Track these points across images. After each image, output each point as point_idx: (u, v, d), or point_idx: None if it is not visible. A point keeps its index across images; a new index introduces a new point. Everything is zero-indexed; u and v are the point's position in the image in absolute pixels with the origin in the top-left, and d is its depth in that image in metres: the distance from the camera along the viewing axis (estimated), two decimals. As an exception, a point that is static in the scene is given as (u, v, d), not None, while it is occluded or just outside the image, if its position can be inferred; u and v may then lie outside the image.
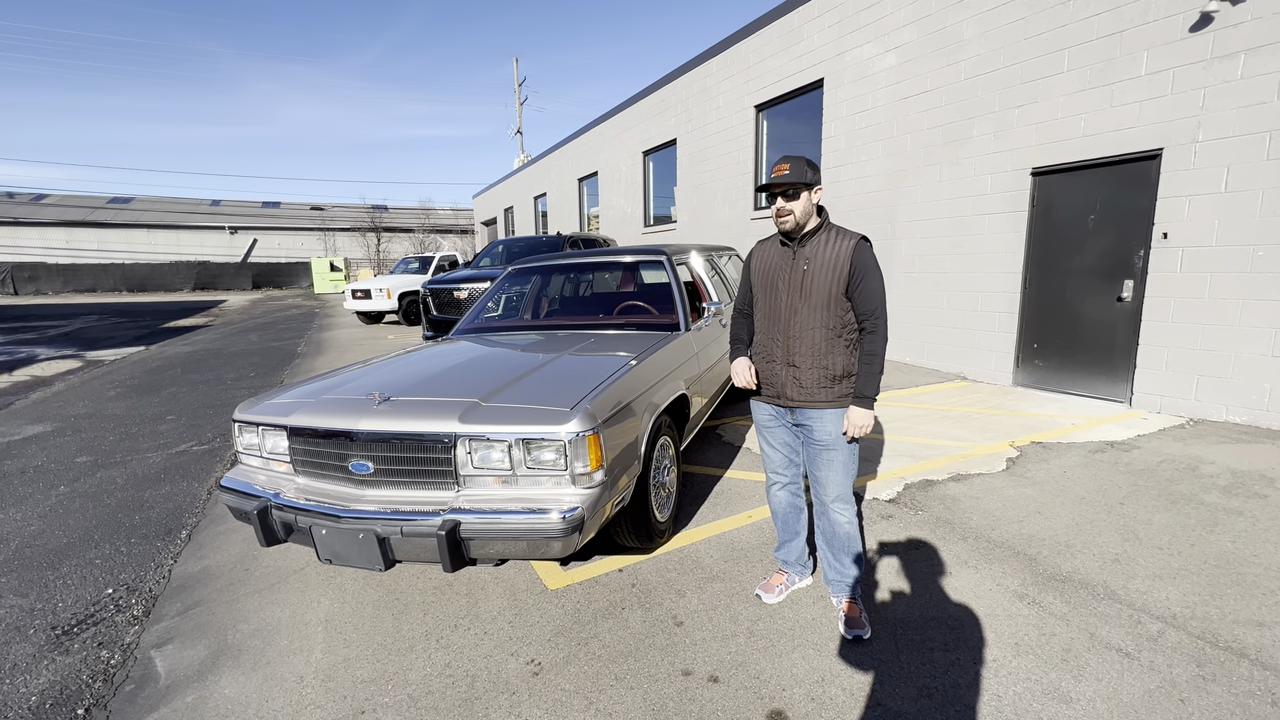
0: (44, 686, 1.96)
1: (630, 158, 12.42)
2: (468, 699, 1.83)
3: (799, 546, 2.32)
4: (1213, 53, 4.17)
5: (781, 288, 2.07)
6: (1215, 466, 3.50)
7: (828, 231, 2.02)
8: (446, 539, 1.90)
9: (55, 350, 9.95)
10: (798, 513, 2.30)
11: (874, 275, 1.97)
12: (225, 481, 2.36)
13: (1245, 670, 1.83)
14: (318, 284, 28.67)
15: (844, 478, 2.07)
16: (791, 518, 2.30)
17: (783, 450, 2.23)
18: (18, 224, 28.78)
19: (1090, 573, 2.40)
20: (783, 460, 2.24)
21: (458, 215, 38.05)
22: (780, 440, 2.22)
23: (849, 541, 2.10)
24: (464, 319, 3.89)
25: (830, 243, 2.00)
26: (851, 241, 1.98)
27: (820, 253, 2.00)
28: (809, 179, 1.95)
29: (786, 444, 2.22)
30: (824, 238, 2.01)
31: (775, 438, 2.22)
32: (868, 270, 1.96)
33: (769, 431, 2.23)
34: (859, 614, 2.09)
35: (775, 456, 2.25)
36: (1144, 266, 4.66)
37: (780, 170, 1.96)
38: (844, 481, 2.07)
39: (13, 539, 3.01)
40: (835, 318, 2.00)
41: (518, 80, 27.25)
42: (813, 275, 2.00)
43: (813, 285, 2.00)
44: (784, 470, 2.25)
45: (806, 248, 2.03)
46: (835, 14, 7.16)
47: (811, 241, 2.02)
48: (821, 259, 1.99)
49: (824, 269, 1.99)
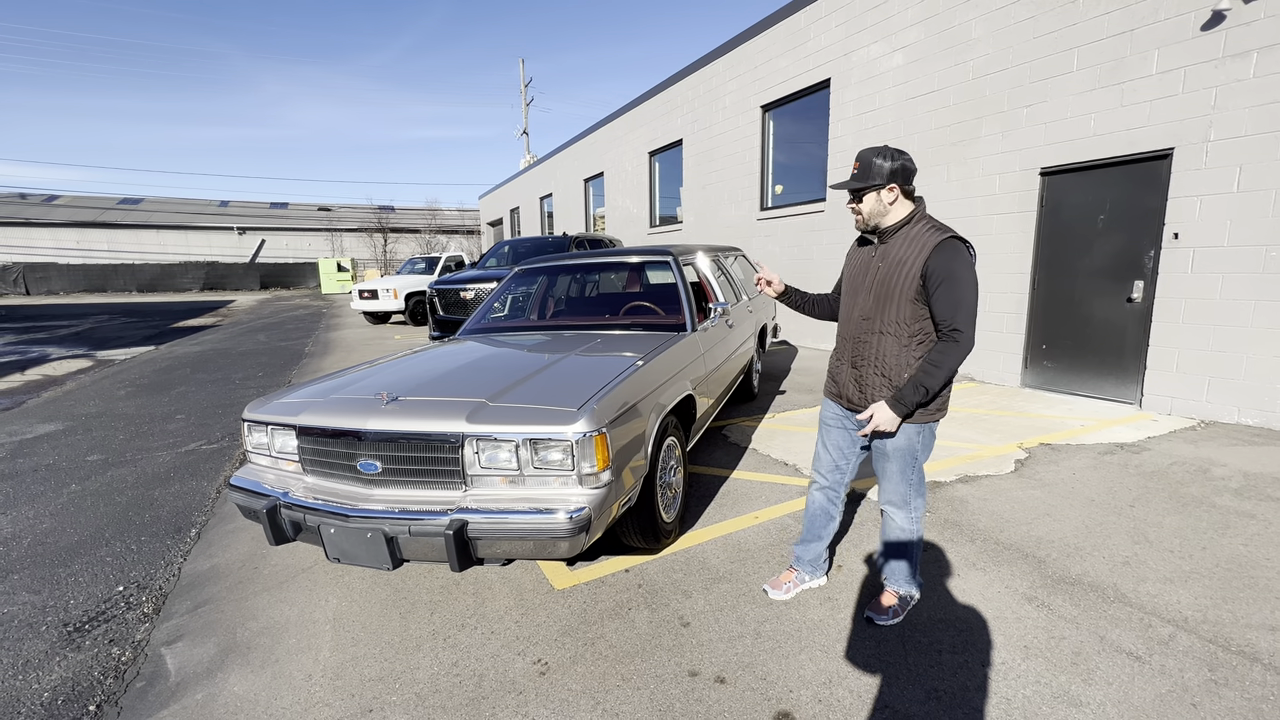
0: (56, 683, 1.98)
1: (636, 158, 12.42)
2: (475, 698, 1.83)
3: (817, 550, 2.30)
4: (1225, 51, 4.13)
5: (859, 288, 2.00)
6: (1227, 469, 3.47)
7: (915, 226, 1.89)
8: (454, 538, 1.90)
9: (66, 350, 10.04)
10: (827, 519, 2.25)
11: (956, 280, 1.79)
12: (234, 480, 2.38)
13: (1258, 675, 1.81)
14: (325, 284, 28.82)
15: (899, 484, 2.02)
16: (820, 521, 2.26)
17: (833, 453, 2.17)
18: (30, 225, 29.09)
19: (1100, 575, 2.38)
20: (830, 464, 2.19)
21: (464, 216, 38.17)
22: (834, 443, 2.16)
23: (899, 545, 2.10)
24: (470, 319, 3.90)
25: (910, 241, 1.87)
26: (933, 241, 1.83)
27: (895, 251, 1.89)
28: (876, 180, 1.86)
29: (839, 448, 2.16)
30: (906, 235, 1.89)
31: (831, 439, 2.17)
32: (948, 274, 1.79)
33: (827, 431, 2.18)
34: (889, 601, 2.14)
35: (825, 458, 2.20)
36: (1154, 267, 4.62)
37: (854, 168, 1.92)
38: (897, 488, 2.03)
39: (25, 536, 3.04)
40: (904, 323, 1.88)
41: (524, 81, 27.32)
42: (883, 275, 1.91)
43: (881, 286, 1.91)
44: (828, 474, 2.20)
45: (888, 245, 1.93)
46: (842, 14, 7.14)
47: (895, 238, 1.91)
48: (894, 258, 1.89)
49: (895, 269, 1.88)
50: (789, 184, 8.51)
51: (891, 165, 1.86)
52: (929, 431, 1.97)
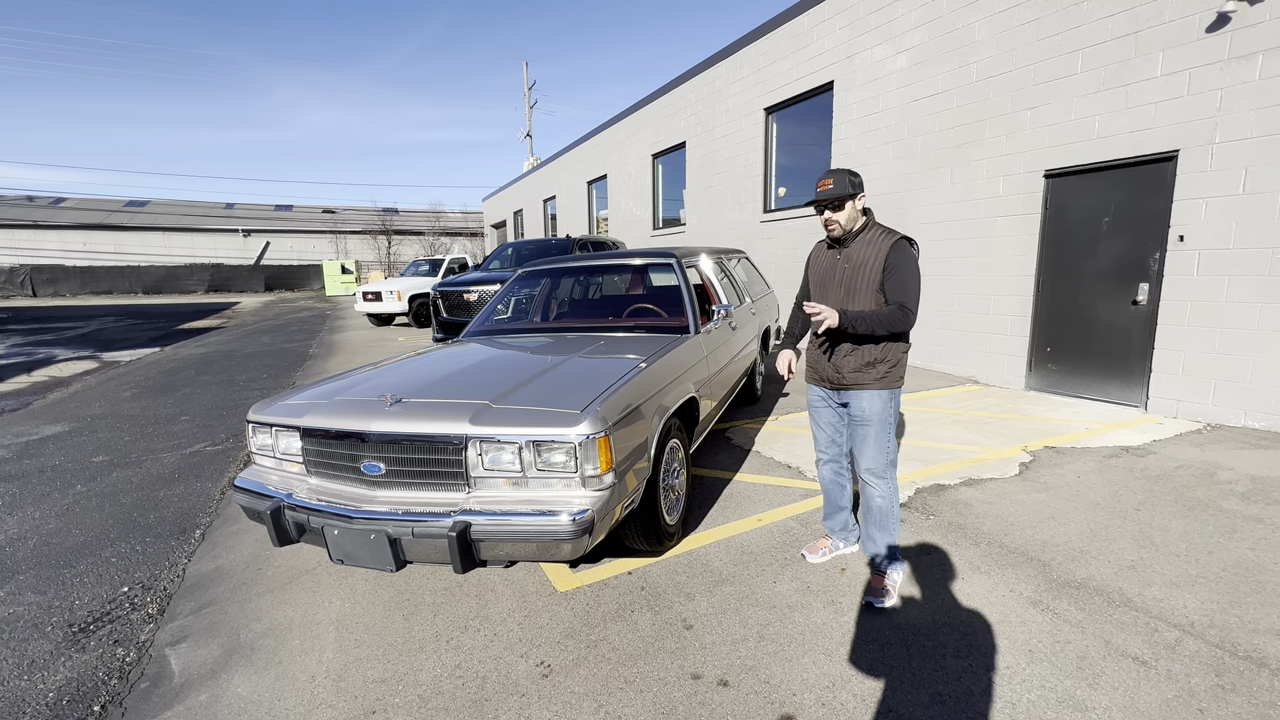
0: (61, 683, 1.98)
1: (639, 160, 12.44)
2: (478, 700, 1.83)
3: (843, 517, 2.59)
4: (1230, 53, 4.12)
5: (829, 285, 2.33)
6: (1233, 472, 3.45)
7: (870, 232, 2.25)
8: (457, 540, 1.91)
9: (73, 351, 10.10)
10: (840, 489, 2.55)
11: (906, 269, 2.16)
12: (239, 482, 2.38)
13: (1266, 680, 1.80)
14: (329, 286, 28.91)
15: (876, 451, 2.27)
16: (835, 492, 2.56)
17: (827, 430, 2.49)
18: (37, 227, 29.27)
19: (1105, 579, 2.37)
20: (826, 439, 2.51)
21: (467, 218, 38.24)
22: (826, 421, 2.48)
23: (880, 516, 2.33)
24: (474, 321, 3.91)
25: (870, 243, 2.23)
26: (889, 241, 2.20)
27: (860, 252, 2.24)
28: (851, 190, 2.19)
29: (831, 424, 2.47)
30: (866, 238, 2.25)
31: (822, 418, 2.49)
32: (899, 265, 2.16)
33: (817, 412, 2.49)
34: (881, 584, 2.28)
35: (820, 435, 2.52)
36: (1159, 269, 4.61)
37: (825, 185, 2.21)
38: (875, 455, 2.28)
39: (31, 537, 3.06)
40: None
41: (527, 84, 27.39)
42: (852, 273, 2.25)
43: (851, 282, 2.25)
44: (827, 449, 2.52)
45: (850, 248, 2.27)
46: (845, 16, 7.14)
47: (855, 242, 2.26)
48: (860, 257, 2.23)
49: (862, 266, 2.22)
50: (792, 186, 8.50)
51: (857, 180, 2.22)
52: (895, 398, 2.30)
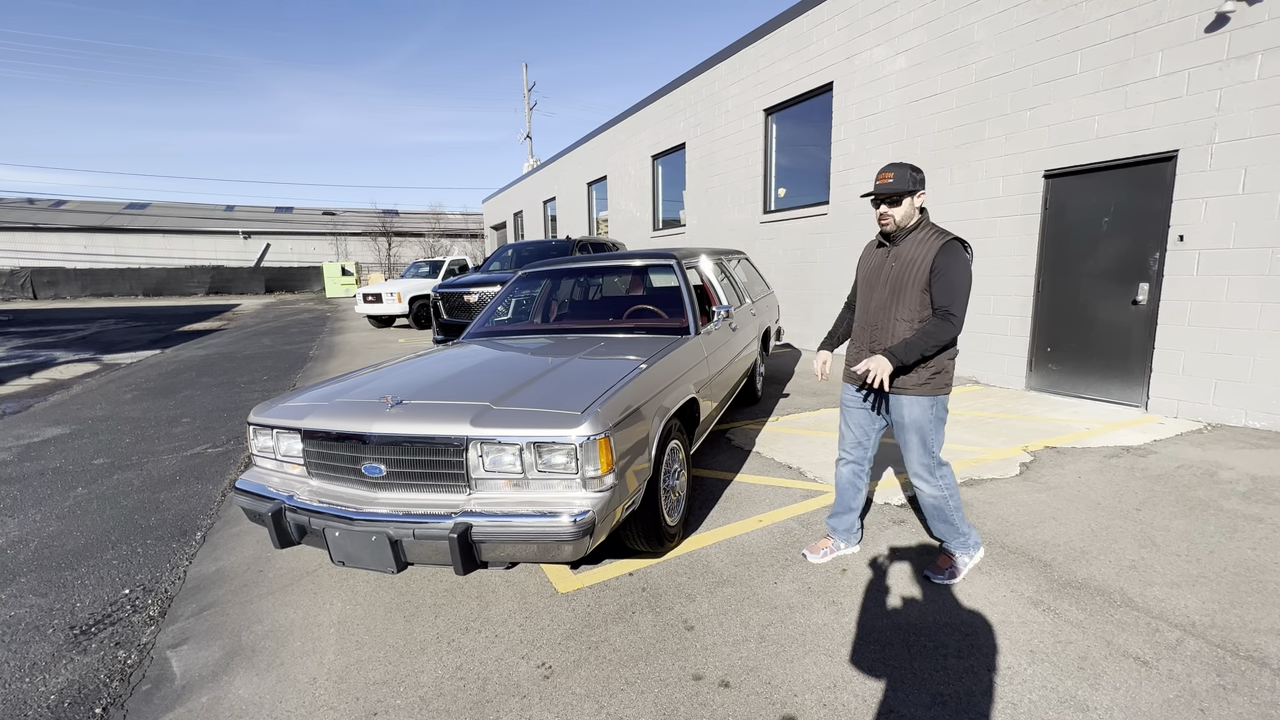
0: (63, 685, 1.98)
1: (639, 162, 12.45)
2: (479, 702, 1.83)
3: (849, 520, 2.56)
4: (1229, 53, 4.13)
5: (875, 283, 2.29)
6: (1234, 472, 3.45)
7: (922, 231, 2.20)
8: (458, 542, 1.91)
9: (73, 354, 10.11)
10: (855, 491, 2.52)
11: (954, 272, 2.09)
12: (240, 484, 2.39)
13: (1267, 680, 1.80)
14: (329, 288, 28.95)
15: (921, 454, 2.27)
16: (849, 494, 2.53)
17: (855, 431, 2.44)
18: (38, 230, 29.31)
19: (1107, 579, 2.37)
20: (853, 440, 2.46)
21: (467, 220, 38.26)
22: (856, 422, 2.43)
23: (936, 511, 2.34)
24: (474, 323, 3.91)
25: (921, 242, 2.17)
26: (940, 241, 2.14)
27: (910, 251, 2.19)
28: (910, 187, 2.13)
29: (861, 426, 2.43)
30: (918, 237, 2.19)
31: (852, 418, 2.45)
32: (948, 268, 2.10)
33: (849, 412, 2.45)
34: (948, 563, 2.37)
35: (848, 435, 2.47)
36: (1159, 269, 4.61)
37: (885, 179, 2.16)
38: (920, 458, 2.28)
39: (32, 540, 3.06)
40: (914, 310, 2.18)
41: (527, 86, 27.42)
42: (899, 271, 2.20)
43: (898, 281, 2.20)
44: (852, 450, 2.47)
45: (900, 246, 2.22)
46: (845, 17, 7.15)
47: (906, 241, 2.21)
48: (909, 256, 2.18)
49: (910, 266, 2.17)
50: (792, 187, 8.51)
51: (918, 176, 2.16)
52: (940, 404, 2.23)
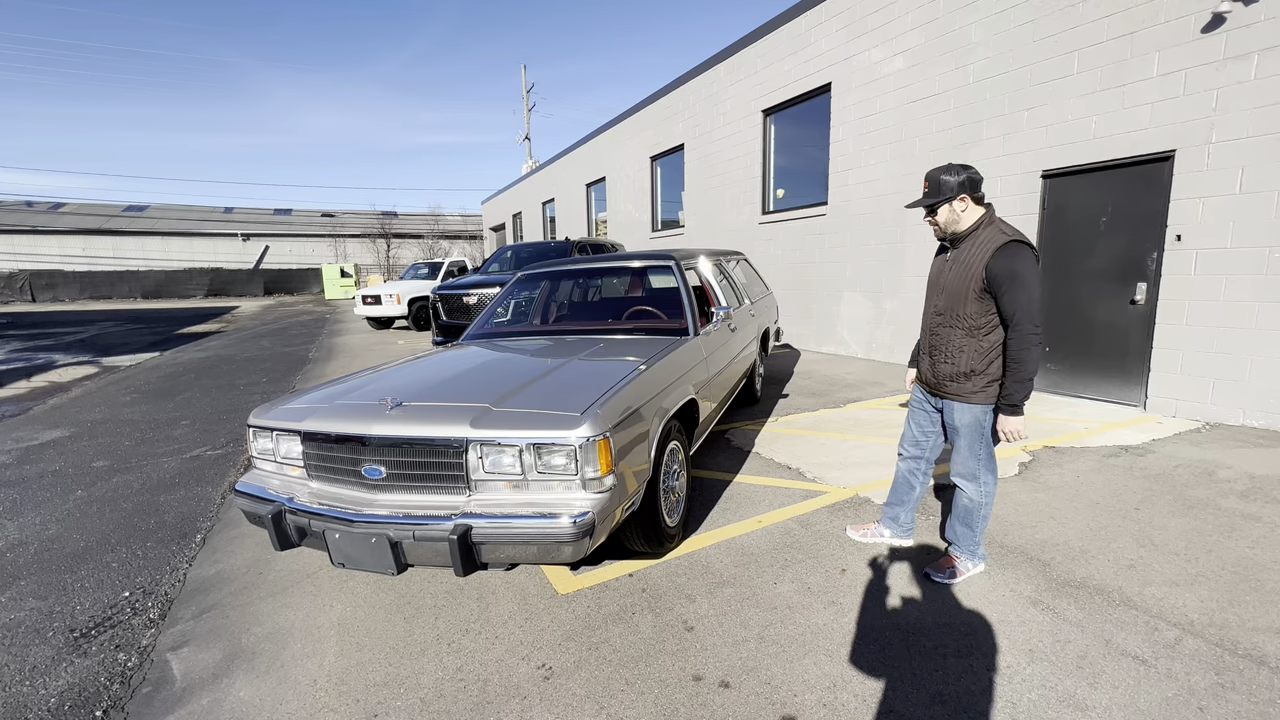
0: (63, 688, 1.98)
1: (638, 163, 12.46)
2: (479, 703, 1.84)
3: (895, 512, 2.64)
4: (1226, 53, 4.14)
5: (934, 290, 2.33)
6: (1232, 471, 3.45)
7: (983, 231, 2.15)
8: (458, 543, 1.91)
9: (72, 356, 10.10)
10: (909, 486, 2.58)
11: (1015, 279, 2.02)
12: (240, 486, 2.39)
13: (1265, 678, 1.81)
14: (328, 290, 28.91)
15: (968, 458, 2.30)
16: (903, 489, 2.60)
17: (916, 430, 2.51)
18: (36, 232, 29.28)
19: (1105, 579, 2.37)
20: (912, 439, 2.53)
21: (466, 221, 38.28)
22: (918, 421, 2.50)
23: (965, 513, 2.37)
24: (474, 324, 3.92)
25: (977, 245, 2.14)
26: (996, 243, 2.08)
27: (965, 255, 2.17)
28: (944, 195, 2.13)
29: (921, 426, 2.48)
30: (974, 239, 2.16)
31: (915, 418, 2.51)
32: (1010, 277, 2.03)
33: (913, 411, 2.52)
34: (947, 563, 2.40)
35: (908, 433, 2.55)
36: (1157, 269, 4.62)
37: (923, 188, 2.20)
38: (967, 462, 2.30)
39: (32, 542, 3.06)
40: (970, 317, 2.16)
41: (526, 87, 27.45)
42: (953, 276, 2.20)
43: (952, 285, 2.20)
44: (910, 447, 2.55)
45: (960, 249, 2.21)
46: (843, 18, 7.17)
47: (965, 243, 2.19)
48: (965, 259, 2.16)
49: (962, 269, 2.16)
50: (790, 188, 8.52)
51: (958, 179, 2.11)
52: (990, 412, 2.22)
